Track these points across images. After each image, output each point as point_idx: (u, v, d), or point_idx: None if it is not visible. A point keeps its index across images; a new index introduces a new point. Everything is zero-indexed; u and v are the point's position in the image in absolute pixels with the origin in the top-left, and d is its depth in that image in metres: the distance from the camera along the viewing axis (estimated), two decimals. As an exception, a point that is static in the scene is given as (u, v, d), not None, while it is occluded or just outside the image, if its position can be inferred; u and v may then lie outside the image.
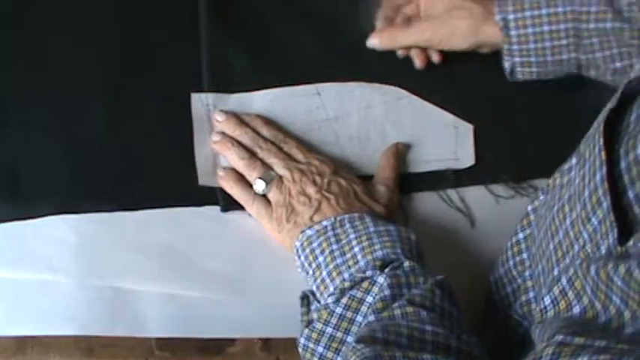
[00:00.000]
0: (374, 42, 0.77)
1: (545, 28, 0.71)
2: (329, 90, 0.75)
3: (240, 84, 0.74)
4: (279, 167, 0.68)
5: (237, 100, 0.73)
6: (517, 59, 0.73)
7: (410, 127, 0.75)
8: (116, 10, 0.76)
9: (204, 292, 0.63)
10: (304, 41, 0.78)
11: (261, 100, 0.74)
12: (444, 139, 0.75)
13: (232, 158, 0.69)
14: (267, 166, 0.68)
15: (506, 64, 0.74)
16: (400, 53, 0.78)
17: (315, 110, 0.74)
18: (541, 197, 0.61)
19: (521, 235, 0.62)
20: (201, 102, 0.72)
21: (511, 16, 0.72)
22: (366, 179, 0.71)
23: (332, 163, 0.69)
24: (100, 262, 0.63)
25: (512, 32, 0.72)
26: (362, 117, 0.75)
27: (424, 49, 0.77)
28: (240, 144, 0.69)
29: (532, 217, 0.62)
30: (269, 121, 0.72)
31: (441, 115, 0.76)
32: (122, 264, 0.63)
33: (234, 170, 0.68)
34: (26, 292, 0.62)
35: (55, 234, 0.64)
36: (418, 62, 0.77)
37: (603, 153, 0.47)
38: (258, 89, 0.74)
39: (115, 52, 0.74)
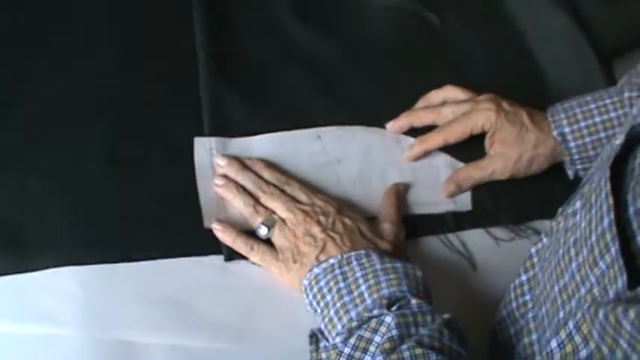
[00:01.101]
0: (451, 188, 0.75)
1: (602, 135, 0.72)
2: (330, 134, 0.75)
3: (241, 130, 0.74)
4: (282, 210, 0.68)
5: (238, 145, 0.73)
6: (579, 166, 0.74)
7: (409, 170, 0.75)
8: (118, 56, 0.76)
9: (210, 342, 0.63)
10: (303, 86, 0.78)
11: (262, 145, 0.74)
12: (441, 181, 0.76)
13: (238, 205, 0.69)
14: (271, 210, 0.68)
15: (570, 172, 0.75)
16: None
17: (317, 154, 0.74)
18: (544, 240, 0.62)
19: (524, 278, 0.63)
20: (203, 146, 0.72)
21: (567, 129, 0.73)
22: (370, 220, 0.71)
23: (336, 202, 0.69)
24: (104, 314, 0.62)
25: (571, 144, 0.73)
26: (363, 160, 0.75)
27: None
28: (243, 189, 0.69)
29: (535, 259, 0.62)
30: (271, 165, 0.72)
31: (437, 157, 0.77)
32: (126, 316, 0.62)
33: (232, 225, 0.68)
34: (29, 346, 0.60)
35: (58, 286, 0.63)
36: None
37: (611, 199, 0.48)
38: (259, 134, 0.74)
39: (116, 98, 0.74)
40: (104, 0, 0.80)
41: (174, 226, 0.68)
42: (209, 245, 0.67)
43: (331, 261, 0.63)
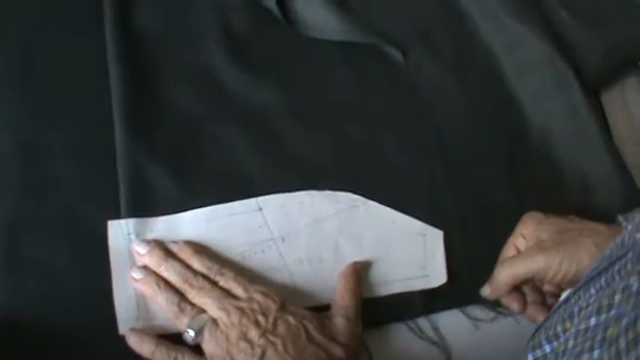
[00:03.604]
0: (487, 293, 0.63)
1: None
2: (272, 203, 0.64)
3: (165, 206, 0.62)
4: (212, 308, 0.57)
5: (163, 225, 0.62)
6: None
7: (368, 241, 0.64)
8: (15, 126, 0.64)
9: None
10: (241, 145, 0.66)
11: (192, 223, 0.62)
12: (410, 251, 0.64)
13: (160, 303, 0.57)
14: (199, 308, 0.57)
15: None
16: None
17: (257, 229, 0.63)
18: (546, 347, 0.50)
19: None
20: (120, 230, 0.60)
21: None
22: (322, 309, 0.60)
23: (278, 296, 0.58)
24: None
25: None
26: (312, 234, 0.63)
27: (522, 294, 0.64)
28: (167, 283, 0.58)
29: None
30: (201, 250, 0.61)
31: (404, 222, 0.65)
32: None
33: (152, 331, 0.56)
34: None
35: None
36: (517, 307, 0.63)
37: None
38: (187, 209, 0.62)
39: (12, 172, 0.62)
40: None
41: (83, 336, 0.57)
42: (127, 356, 0.56)
43: None
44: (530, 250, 0.62)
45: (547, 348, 0.49)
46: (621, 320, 0.40)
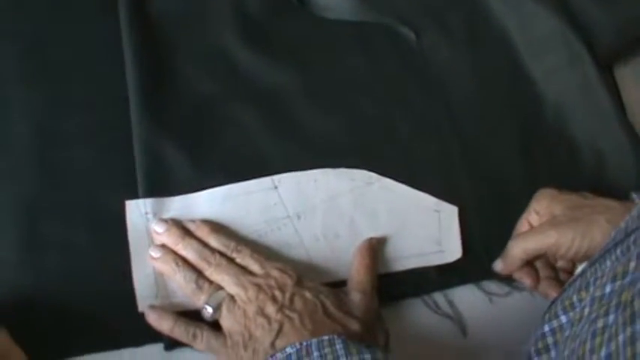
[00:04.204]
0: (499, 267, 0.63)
1: None
2: (288, 182, 0.64)
3: (182, 186, 0.63)
4: (230, 285, 0.57)
5: (178, 204, 0.62)
6: None
7: (383, 217, 0.65)
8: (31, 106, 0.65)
9: None
10: (256, 126, 0.67)
11: (208, 202, 0.63)
12: (425, 227, 0.65)
13: (178, 281, 0.58)
14: (217, 285, 0.58)
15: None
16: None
17: (273, 207, 0.63)
18: (562, 318, 0.50)
19: None
20: (138, 210, 0.61)
21: None
22: (339, 285, 0.61)
23: (295, 272, 0.59)
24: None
25: None
26: (327, 211, 0.64)
27: (535, 269, 0.64)
28: (185, 261, 0.59)
29: (550, 340, 0.50)
30: (217, 228, 0.61)
31: (418, 198, 0.66)
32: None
33: (171, 308, 0.57)
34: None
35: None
36: (529, 282, 0.63)
37: None
38: (203, 189, 0.63)
39: (31, 158, 0.63)
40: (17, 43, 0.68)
41: (102, 314, 0.58)
42: (146, 333, 0.57)
43: (288, 350, 0.52)
44: (543, 225, 0.62)
45: (563, 318, 0.50)
46: (635, 284, 0.40)
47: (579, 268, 0.59)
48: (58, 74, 0.66)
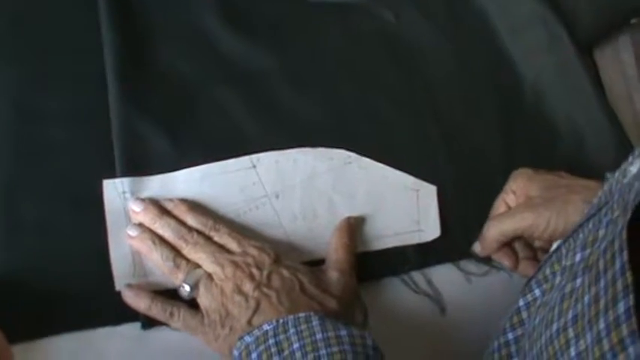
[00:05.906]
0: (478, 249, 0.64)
1: None
2: (266, 161, 0.64)
3: (160, 165, 0.62)
4: (207, 263, 0.57)
5: (157, 183, 0.62)
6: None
7: (362, 197, 0.65)
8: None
9: None
10: (234, 105, 0.66)
11: (186, 181, 0.62)
12: (403, 206, 0.65)
13: (155, 260, 0.58)
14: (194, 264, 0.57)
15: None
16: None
17: (251, 186, 0.63)
18: (536, 292, 0.50)
19: (510, 336, 0.51)
20: (115, 190, 0.61)
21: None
22: (317, 264, 0.61)
23: (272, 250, 0.59)
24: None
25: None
26: (305, 190, 0.64)
27: (514, 250, 0.64)
28: (163, 240, 0.58)
29: (524, 314, 0.51)
30: (195, 206, 0.61)
31: (397, 178, 0.66)
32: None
33: (148, 287, 0.57)
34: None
35: None
36: (508, 263, 0.64)
37: (629, 275, 0.35)
38: (182, 168, 0.63)
39: (7, 137, 0.62)
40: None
41: (79, 293, 0.57)
42: (123, 312, 0.57)
43: (265, 327, 0.52)
44: (519, 207, 0.62)
45: (537, 292, 0.50)
46: (601, 246, 0.40)
47: (554, 245, 0.60)
48: (36, 52, 0.66)
